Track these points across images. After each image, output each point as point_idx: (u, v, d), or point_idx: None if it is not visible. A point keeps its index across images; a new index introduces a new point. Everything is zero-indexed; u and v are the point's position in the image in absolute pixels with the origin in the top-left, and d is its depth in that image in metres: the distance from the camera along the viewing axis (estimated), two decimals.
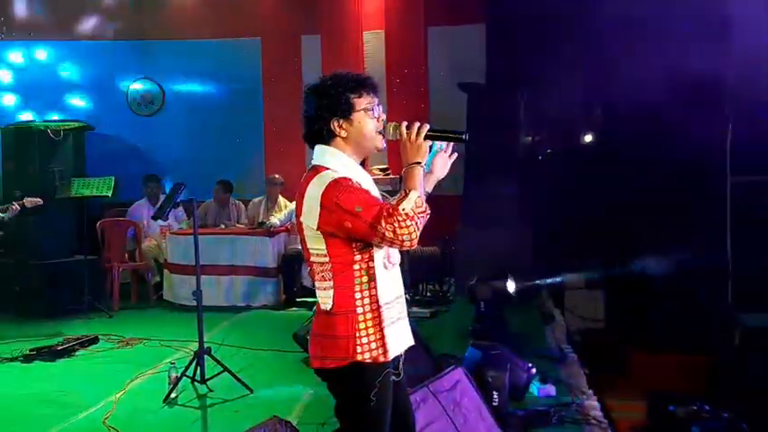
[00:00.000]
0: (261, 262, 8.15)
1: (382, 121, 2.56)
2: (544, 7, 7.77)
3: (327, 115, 2.50)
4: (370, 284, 2.45)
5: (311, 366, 2.55)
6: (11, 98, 10.11)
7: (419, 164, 2.46)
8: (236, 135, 10.27)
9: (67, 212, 8.25)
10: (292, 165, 9.90)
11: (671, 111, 6.51)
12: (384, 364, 2.46)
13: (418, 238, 2.34)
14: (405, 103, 9.13)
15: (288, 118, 10.03)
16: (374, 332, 2.45)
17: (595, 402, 4.62)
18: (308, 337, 2.60)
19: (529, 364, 4.77)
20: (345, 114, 2.50)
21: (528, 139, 8.52)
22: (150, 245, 8.75)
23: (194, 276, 5.43)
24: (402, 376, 2.63)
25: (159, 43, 10.30)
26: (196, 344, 5.27)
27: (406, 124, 2.51)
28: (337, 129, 2.50)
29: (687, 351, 6.02)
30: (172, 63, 10.33)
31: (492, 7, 8.80)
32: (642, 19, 7.27)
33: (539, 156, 9.05)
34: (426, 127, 2.49)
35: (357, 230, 2.36)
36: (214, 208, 8.98)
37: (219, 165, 9.74)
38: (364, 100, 2.52)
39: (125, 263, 8.51)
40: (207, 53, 10.23)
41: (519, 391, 4.52)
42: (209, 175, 9.12)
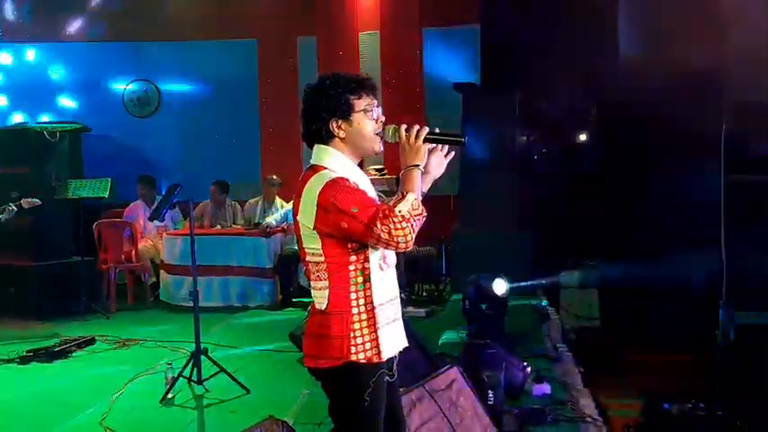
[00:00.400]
0: (257, 262, 8.15)
1: (381, 123, 2.56)
2: (539, 8, 7.81)
3: (326, 115, 2.50)
4: (365, 285, 2.45)
5: (305, 365, 2.55)
6: (5, 100, 10.11)
7: (417, 167, 2.46)
8: (232, 136, 10.29)
9: (64, 214, 8.24)
10: (288, 165, 9.92)
11: (667, 109, 6.54)
12: (378, 365, 2.46)
13: (413, 240, 2.35)
14: (400, 104, 9.15)
15: (284, 119, 10.08)
16: (369, 332, 2.45)
17: (590, 401, 4.63)
18: (304, 337, 2.61)
19: (524, 363, 4.79)
20: (344, 115, 2.50)
21: (523, 139, 8.53)
22: (146, 246, 8.75)
23: (191, 277, 5.44)
24: (395, 377, 2.63)
25: (155, 44, 10.31)
26: (192, 344, 5.28)
27: (405, 127, 2.51)
28: (336, 129, 2.50)
29: (682, 349, 6.05)
30: (167, 64, 10.34)
31: (486, 8, 8.83)
32: (639, 18, 7.32)
33: (534, 155, 9.07)
34: (425, 130, 2.49)
35: (353, 231, 2.36)
36: (210, 208, 8.99)
37: (216, 165, 9.75)
38: (363, 101, 2.52)
39: (121, 264, 8.51)
40: (203, 54, 10.24)
41: (514, 390, 4.52)
42: (205, 176, 9.13)
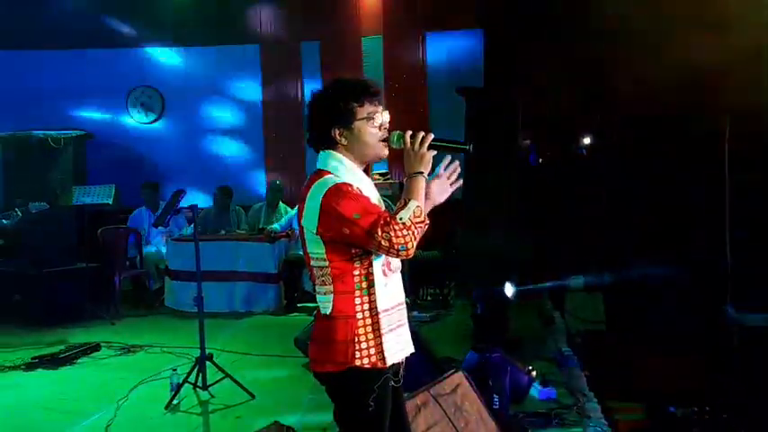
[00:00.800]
0: (262, 268, 8.16)
1: (385, 129, 2.55)
2: (541, 11, 7.80)
3: (328, 123, 2.50)
4: (369, 290, 2.45)
5: (311, 370, 2.56)
6: (11, 106, 10.12)
7: (421, 174, 2.46)
8: (236, 141, 10.31)
9: (69, 220, 8.26)
10: (292, 170, 9.96)
11: (670, 110, 6.53)
12: (383, 370, 2.46)
13: (415, 248, 2.35)
14: (403, 108, 9.16)
15: (287, 124, 10.12)
16: (373, 338, 2.45)
17: (596, 404, 4.62)
18: (309, 342, 2.61)
19: (529, 367, 4.79)
20: (346, 123, 2.49)
21: (527, 143, 8.53)
22: (151, 252, 8.77)
23: (195, 283, 5.44)
24: (401, 383, 2.63)
25: (159, 50, 10.33)
26: (198, 350, 5.28)
27: (411, 133, 2.50)
28: (338, 137, 2.50)
29: (687, 352, 6.02)
30: (171, 70, 10.36)
31: (489, 12, 8.84)
32: (639, 19, 7.30)
33: (538, 159, 9.07)
34: (430, 136, 2.48)
35: (354, 237, 2.37)
36: (215, 214, 9.00)
37: (220, 171, 9.77)
38: (366, 109, 2.51)
39: (126, 270, 8.52)
40: (206, 60, 10.27)
41: (520, 394, 4.53)
42: (209, 182, 9.14)
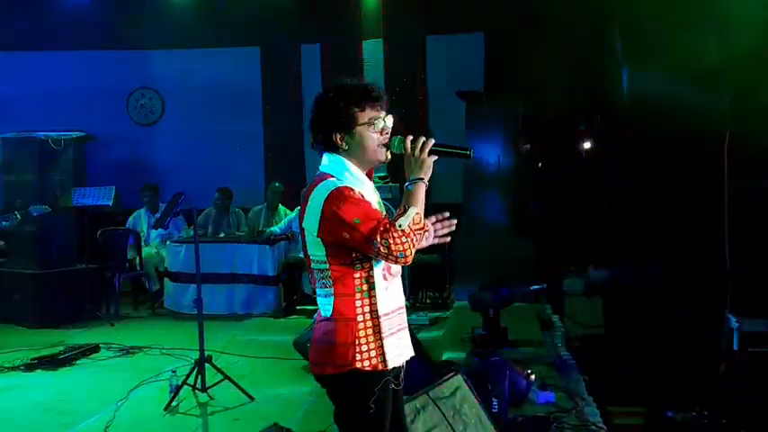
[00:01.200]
0: (261, 270, 8.16)
1: (387, 134, 2.54)
2: (542, 16, 7.82)
3: (329, 127, 2.50)
4: (370, 293, 2.46)
5: (312, 373, 2.56)
6: (11, 108, 10.12)
7: (421, 180, 2.45)
8: (235, 144, 10.31)
9: (68, 222, 8.26)
10: (292, 173, 9.95)
11: (668, 115, 6.53)
12: (383, 372, 2.46)
13: (413, 255, 2.36)
14: (403, 112, 9.16)
15: (287, 126, 10.12)
16: (374, 340, 2.45)
17: (595, 408, 4.62)
18: (309, 345, 2.62)
19: (528, 371, 4.79)
20: (346, 128, 2.49)
21: (527, 147, 8.54)
22: (151, 253, 8.77)
23: (195, 284, 5.45)
24: (401, 386, 2.63)
25: (159, 53, 10.33)
26: (197, 352, 5.28)
27: (411, 138, 2.49)
28: (339, 141, 2.50)
29: (686, 357, 6.03)
30: (171, 72, 10.35)
31: (490, 15, 8.86)
32: (638, 21, 7.32)
33: (538, 163, 9.08)
34: (431, 142, 2.47)
35: (354, 242, 2.38)
36: (214, 216, 9.01)
37: (219, 173, 9.76)
38: (367, 113, 2.50)
39: (126, 271, 8.52)
40: (206, 62, 10.27)
41: (518, 398, 4.52)
42: (209, 184, 9.14)
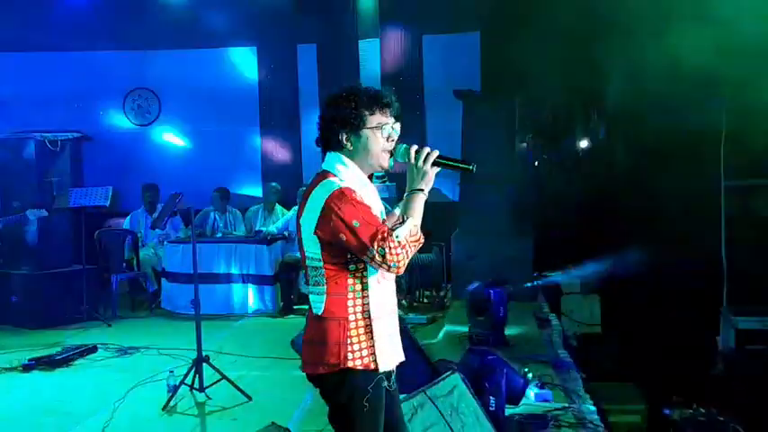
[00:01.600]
0: (258, 270, 8.16)
1: (392, 141, 2.56)
2: (538, 13, 7.82)
3: (337, 126, 2.53)
4: (362, 294, 2.48)
5: (304, 372, 2.58)
6: (8, 109, 10.11)
7: (422, 191, 2.47)
8: (232, 144, 10.31)
9: (66, 222, 8.26)
10: (289, 173, 9.96)
11: (667, 114, 6.56)
12: (375, 372, 2.48)
13: (406, 266, 2.39)
14: (400, 112, 9.16)
15: (284, 126, 10.13)
16: (365, 340, 2.47)
17: (592, 407, 4.63)
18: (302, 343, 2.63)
19: (525, 369, 4.80)
20: (354, 129, 2.52)
21: (523, 146, 8.56)
22: (148, 253, 8.77)
23: (192, 285, 5.45)
24: (394, 388, 2.64)
25: (155, 53, 10.33)
26: (194, 352, 5.27)
27: (416, 148, 2.51)
28: (344, 141, 2.53)
29: (683, 354, 6.05)
30: (167, 72, 10.34)
31: (486, 15, 8.87)
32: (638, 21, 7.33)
33: (534, 161, 9.10)
34: (435, 153, 2.49)
35: (349, 245, 2.40)
36: (212, 216, 9.00)
37: (216, 173, 9.76)
38: (376, 118, 2.53)
39: (123, 272, 8.52)
40: (203, 62, 10.26)
41: (516, 396, 4.53)
42: (206, 184, 9.14)
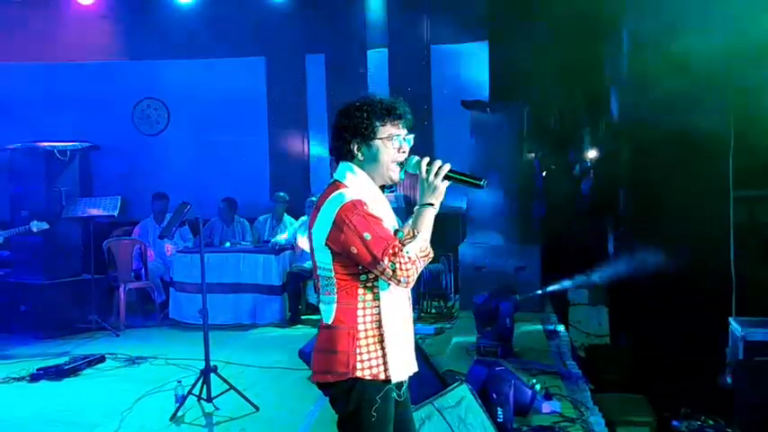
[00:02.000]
0: (266, 280, 8.17)
1: (404, 153, 2.57)
2: (546, 25, 7.84)
3: (348, 136, 2.54)
4: (373, 303, 2.48)
5: (313, 381, 2.58)
6: (18, 119, 10.16)
7: (432, 206, 2.47)
8: (240, 154, 10.33)
9: (74, 232, 8.29)
10: (297, 183, 9.97)
11: (675, 124, 6.54)
12: (385, 383, 2.47)
13: (414, 281, 2.41)
14: (413, 124, 9.17)
15: (292, 136, 10.15)
16: (375, 350, 2.47)
17: (600, 418, 4.61)
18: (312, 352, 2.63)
19: (533, 380, 4.79)
20: (365, 139, 2.53)
21: (531, 156, 8.55)
22: (156, 263, 8.79)
23: (200, 295, 5.46)
24: (405, 397, 2.63)
25: (164, 63, 10.38)
26: (202, 362, 5.28)
27: (428, 161, 2.52)
28: (355, 151, 2.54)
29: (691, 366, 6.02)
30: (176, 82, 10.39)
31: (494, 25, 8.88)
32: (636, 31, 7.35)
33: (543, 171, 9.09)
34: (447, 167, 2.49)
35: (360, 257, 2.40)
36: (219, 226, 9.02)
37: (224, 183, 9.79)
38: (388, 129, 2.54)
39: (131, 281, 8.54)
40: (211, 72, 10.30)
41: (523, 408, 4.52)
42: (214, 194, 9.16)
